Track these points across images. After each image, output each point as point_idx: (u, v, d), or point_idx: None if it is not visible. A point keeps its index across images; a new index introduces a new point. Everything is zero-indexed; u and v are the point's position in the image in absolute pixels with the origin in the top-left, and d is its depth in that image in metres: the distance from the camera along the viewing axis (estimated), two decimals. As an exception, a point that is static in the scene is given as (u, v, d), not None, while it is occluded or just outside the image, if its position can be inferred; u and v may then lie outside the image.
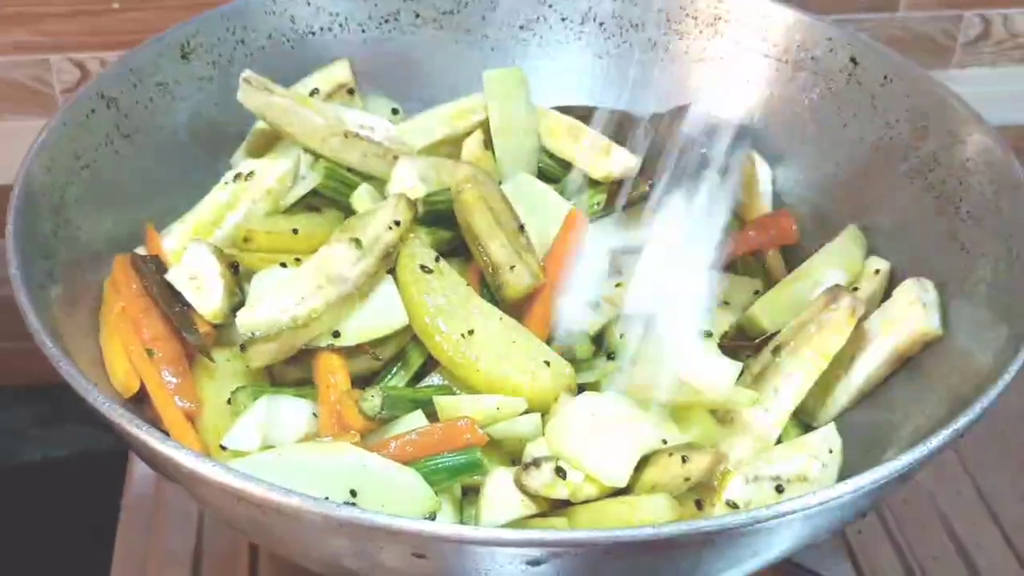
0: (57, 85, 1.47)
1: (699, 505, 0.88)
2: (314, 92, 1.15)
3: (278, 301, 0.94)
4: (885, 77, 1.12)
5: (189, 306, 0.98)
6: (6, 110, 1.48)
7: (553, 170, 1.15)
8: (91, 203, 1.02)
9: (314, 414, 0.95)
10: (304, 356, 0.96)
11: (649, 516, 0.85)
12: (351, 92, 1.18)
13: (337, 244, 0.98)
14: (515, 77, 1.18)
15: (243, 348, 0.94)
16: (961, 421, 0.82)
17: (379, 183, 1.10)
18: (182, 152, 1.12)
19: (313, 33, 1.19)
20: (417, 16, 1.22)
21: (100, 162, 1.04)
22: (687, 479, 0.88)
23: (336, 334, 0.96)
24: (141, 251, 1.04)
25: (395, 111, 1.22)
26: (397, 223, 0.99)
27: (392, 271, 0.99)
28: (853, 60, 1.14)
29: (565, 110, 1.17)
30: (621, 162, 1.10)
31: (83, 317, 0.98)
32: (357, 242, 0.98)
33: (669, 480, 0.89)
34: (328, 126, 1.09)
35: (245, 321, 0.93)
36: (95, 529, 1.18)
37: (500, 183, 1.08)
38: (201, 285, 0.98)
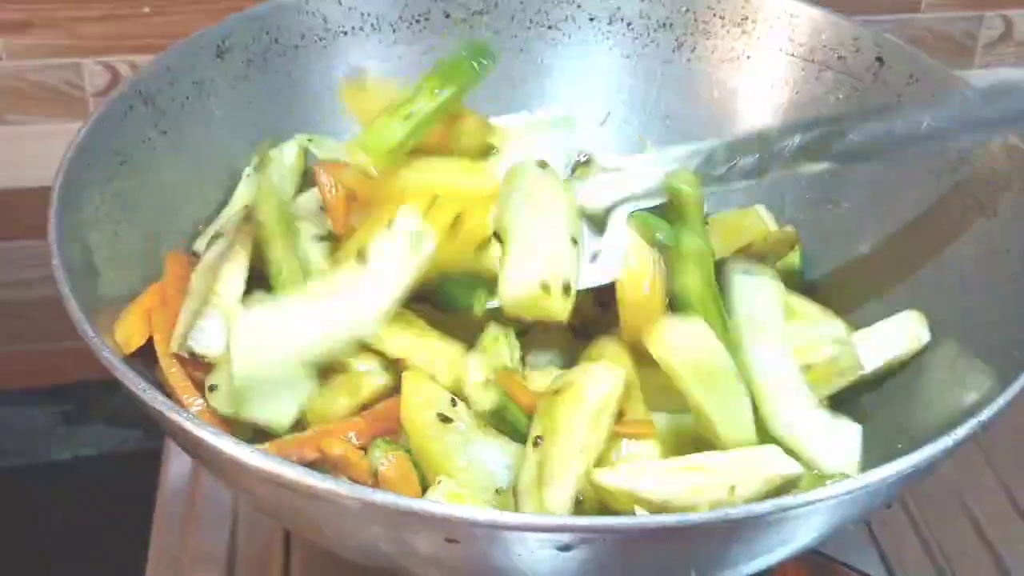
0: (89, 88, 1.48)
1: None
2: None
3: None
4: (911, 76, 1.13)
5: None
6: (38, 113, 1.50)
7: None
8: (129, 199, 1.03)
9: None
10: None
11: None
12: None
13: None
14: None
15: None
16: (986, 412, 0.82)
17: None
18: (217, 149, 1.13)
19: (345, 33, 1.21)
20: (447, 16, 1.23)
21: (138, 159, 1.05)
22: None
23: None
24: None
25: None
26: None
27: None
28: (879, 60, 1.15)
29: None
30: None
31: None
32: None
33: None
34: None
35: None
36: (127, 527, 1.19)
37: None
38: None
